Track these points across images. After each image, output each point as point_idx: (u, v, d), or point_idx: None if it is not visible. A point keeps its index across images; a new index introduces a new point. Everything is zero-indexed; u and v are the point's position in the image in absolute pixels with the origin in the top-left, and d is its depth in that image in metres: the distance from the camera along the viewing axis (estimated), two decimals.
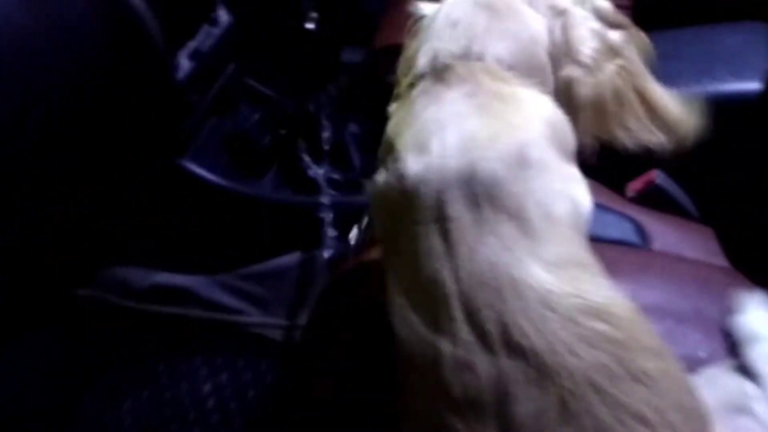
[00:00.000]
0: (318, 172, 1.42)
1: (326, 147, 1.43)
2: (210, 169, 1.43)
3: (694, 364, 0.92)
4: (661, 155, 0.71)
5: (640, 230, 1.07)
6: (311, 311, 1.16)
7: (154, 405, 1.45)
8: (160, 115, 1.32)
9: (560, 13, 0.68)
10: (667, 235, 1.08)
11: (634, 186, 1.13)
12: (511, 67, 0.64)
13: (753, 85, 1.07)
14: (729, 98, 1.11)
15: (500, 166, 0.56)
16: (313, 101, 1.47)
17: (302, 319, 1.45)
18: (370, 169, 1.56)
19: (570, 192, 0.60)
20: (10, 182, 1.04)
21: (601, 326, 0.52)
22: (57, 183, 1.22)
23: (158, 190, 1.48)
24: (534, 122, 0.60)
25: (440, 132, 0.59)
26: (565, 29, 0.67)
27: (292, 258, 1.52)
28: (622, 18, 0.72)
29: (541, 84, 0.65)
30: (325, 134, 1.44)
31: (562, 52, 0.67)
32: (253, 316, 1.49)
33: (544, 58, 0.67)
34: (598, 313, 0.53)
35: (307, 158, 1.42)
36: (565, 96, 0.66)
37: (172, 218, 1.49)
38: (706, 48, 1.18)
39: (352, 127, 1.53)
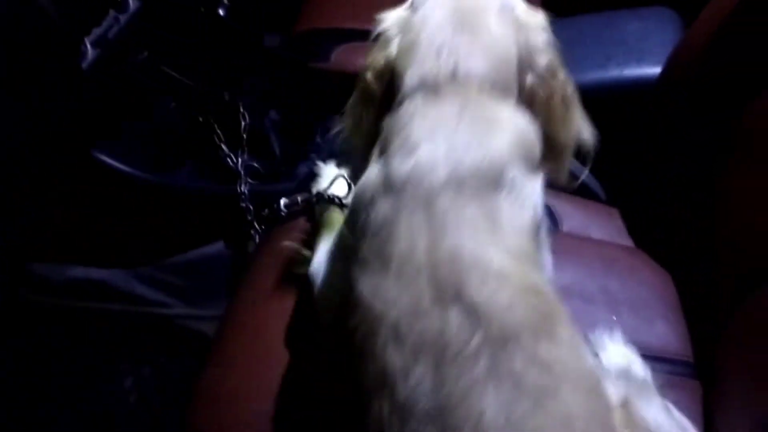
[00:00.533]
0: (237, 161, 1.39)
1: (245, 136, 1.41)
2: (125, 160, 1.38)
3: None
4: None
5: (550, 213, 1.10)
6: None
7: (76, 403, 1.42)
8: (67, 105, 1.27)
9: (522, 26, 0.76)
10: (575, 217, 1.12)
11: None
12: (492, 85, 0.72)
13: (654, 70, 1.11)
14: (632, 83, 1.15)
15: (480, 183, 0.67)
16: (229, 89, 1.44)
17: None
18: (291, 157, 1.56)
19: (532, 203, 0.70)
20: None
21: (534, 300, 0.64)
22: None
23: (71, 182, 1.43)
24: (511, 145, 0.70)
25: (430, 142, 0.68)
26: (527, 42, 0.76)
27: (214, 248, 1.50)
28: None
29: (512, 95, 0.74)
30: (244, 123, 1.41)
31: (525, 63, 0.75)
32: (175, 308, 1.47)
33: (514, 70, 0.75)
34: (534, 290, 0.65)
35: (225, 147, 1.40)
36: (527, 101, 0.75)
37: (87, 211, 1.44)
38: (612, 33, 1.22)
39: (273, 115, 1.51)
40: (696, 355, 0.95)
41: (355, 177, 0.95)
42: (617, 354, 0.89)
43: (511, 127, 0.71)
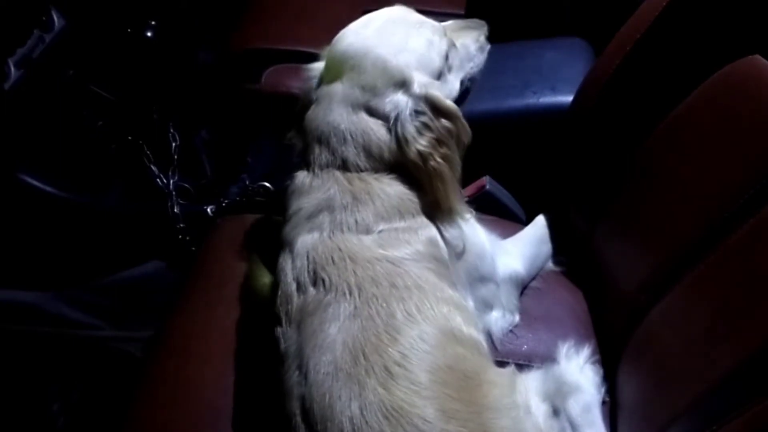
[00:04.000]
0: (166, 181, 1.39)
1: (175, 156, 1.41)
2: (50, 181, 1.37)
3: (518, 358, 1.02)
4: None
5: None
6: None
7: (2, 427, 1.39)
8: None
9: (398, 116, 0.93)
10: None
11: (467, 191, 1.20)
12: (365, 169, 0.94)
13: (567, 98, 1.17)
14: (547, 110, 1.21)
15: (359, 229, 0.91)
16: (159, 109, 1.44)
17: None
18: (222, 177, 1.56)
19: (418, 238, 0.92)
20: None
21: (392, 272, 0.86)
22: None
23: None
24: (383, 210, 0.91)
25: (327, 212, 0.91)
26: (399, 132, 0.93)
27: (144, 269, 1.49)
28: (451, 108, 0.95)
29: (386, 167, 0.94)
30: (174, 144, 1.41)
31: (401, 146, 0.93)
32: (104, 330, 1.46)
33: (385, 151, 0.94)
34: (394, 262, 0.87)
35: (154, 168, 1.40)
36: (412, 170, 0.94)
37: (12, 233, 1.41)
38: (529, 62, 1.27)
39: (204, 134, 1.52)
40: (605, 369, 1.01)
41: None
42: (574, 369, 0.93)
43: (383, 193, 0.92)
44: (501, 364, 0.93)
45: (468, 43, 1.11)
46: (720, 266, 0.77)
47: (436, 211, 0.95)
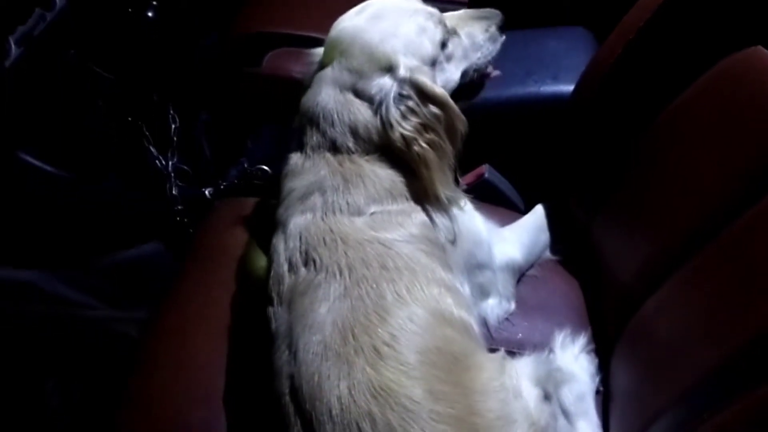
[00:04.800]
0: (165, 163, 1.39)
1: (174, 138, 1.40)
2: (48, 160, 1.36)
3: (513, 345, 1.02)
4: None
5: None
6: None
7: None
8: None
9: (383, 99, 0.93)
10: None
11: (465, 180, 1.20)
12: (356, 150, 0.94)
13: (568, 88, 1.17)
14: (548, 99, 1.20)
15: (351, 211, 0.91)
16: (159, 90, 1.43)
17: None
18: (221, 160, 1.56)
19: (412, 221, 0.92)
20: None
21: (383, 254, 0.86)
22: None
23: None
24: (374, 192, 0.92)
25: (319, 194, 0.92)
26: (384, 115, 0.93)
27: (141, 250, 1.49)
28: (439, 94, 0.95)
29: (376, 149, 0.94)
30: (173, 125, 1.41)
31: (386, 129, 0.93)
32: (101, 311, 1.46)
33: (372, 133, 0.94)
34: (386, 244, 0.87)
35: (153, 150, 1.39)
36: (399, 154, 0.94)
37: (9, 212, 1.41)
38: (532, 51, 1.27)
39: (204, 117, 1.51)
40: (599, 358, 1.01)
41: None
42: (569, 358, 0.94)
43: (374, 176, 0.93)
44: (495, 351, 0.93)
45: (475, 32, 1.08)
46: (716, 258, 0.77)
47: (424, 197, 0.95)
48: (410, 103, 0.92)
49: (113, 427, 0.98)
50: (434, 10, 1.03)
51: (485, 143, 1.17)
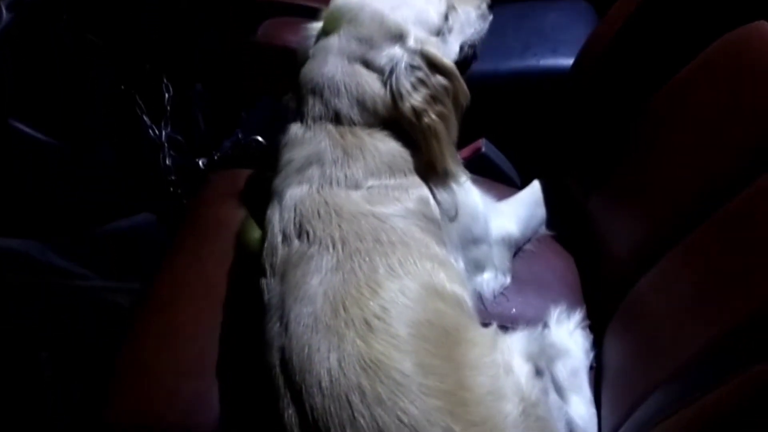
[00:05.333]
0: (158, 133, 1.37)
1: (168, 108, 1.39)
2: (40, 128, 1.34)
3: (506, 320, 1.02)
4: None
5: None
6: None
7: None
8: None
9: (393, 69, 0.92)
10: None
11: (462, 154, 1.19)
12: (358, 123, 0.93)
13: (567, 61, 1.16)
14: (547, 72, 1.19)
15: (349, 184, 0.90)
16: (152, 59, 1.41)
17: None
18: (215, 131, 1.54)
19: (409, 196, 0.91)
20: None
21: (378, 227, 0.86)
22: None
23: None
24: (374, 165, 0.91)
25: (317, 166, 0.91)
26: (394, 86, 0.92)
27: (134, 220, 1.48)
28: (448, 66, 0.94)
29: (380, 122, 0.94)
30: (167, 95, 1.39)
31: (395, 101, 0.92)
32: (93, 280, 1.45)
33: (379, 105, 0.93)
34: (381, 218, 0.86)
35: (146, 118, 1.38)
36: (406, 127, 0.94)
37: (3, 180, 1.39)
38: (530, 24, 1.25)
39: (198, 86, 1.49)
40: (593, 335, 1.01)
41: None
42: (564, 333, 0.94)
43: (375, 148, 0.92)
44: (487, 325, 0.92)
45: (469, 9, 1.10)
46: (712, 234, 0.76)
47: (430, 171, 0.94)
48: (420, 74, 0.92)
49: (105, 398, 0.98)
50: None
51: (482, 117, 1.15)
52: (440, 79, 0.93)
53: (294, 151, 0.94)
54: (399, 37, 0.94)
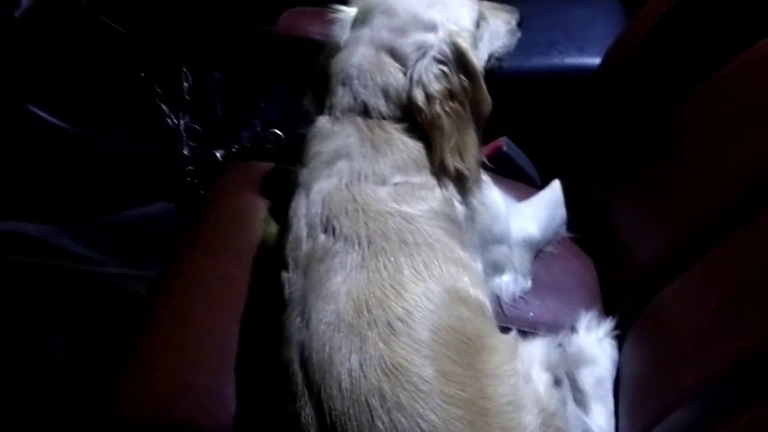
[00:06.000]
0: (176, 122, 1.37)
1: (187, 97, 1.38)
2: (58, 114, 1.35)
3: (524, 324, 1.01)
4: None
5: None
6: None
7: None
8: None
9: (419, 58, 0.91)
10: None
11: (483, 151, 1.17)
12: (387, 116, 0.92)
13: (594, 60, 1.13)
14: (572, 71, 1.17)
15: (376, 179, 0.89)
16: (172, 47, 1.40)
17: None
18: (233, 120, 1.53)
19: (434, 195, 0.90)
20: None
21: (404, 228, 0.84)
22: None
23: (4, 134, 1.38)
24: (401, 161, 0.90)
25: (346, 159, 0.90)
26: (415, 75, 0.91)
27: (152, 208, 1.48)
28: (474, 65, 0.92)
29: (405, 117, 0.92)
30: (186, 84, 1.38)
31: (412, 87, 0.91)
32: (109, 267, 1.46)
33: (403, 97, 0.92)
34: (407, 218, 0.85)
35: (165, 107, 1.37)
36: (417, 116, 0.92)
37: (19, 165, 1.40)
38: (557, 20, 1.23)
39: (217, 75, 1.48)
40: None
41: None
42: (593, 340, 0.92)
43: (403, 146, 0.90)
44: (505, 329, 0.92)
45: (499, 23, 1.08)
46: (743, 247, 0.74)
47: (435, 166, 0.92)
48: (444, 68, 0.90)
49: (117, 390, 0.98)
50: None
51: (504, 115, 1.13)
52: (463, 78, 0.91)
53: (323, 144, 0.92)
54: (432, 27, 0.92)
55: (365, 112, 0.92)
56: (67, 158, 1.40)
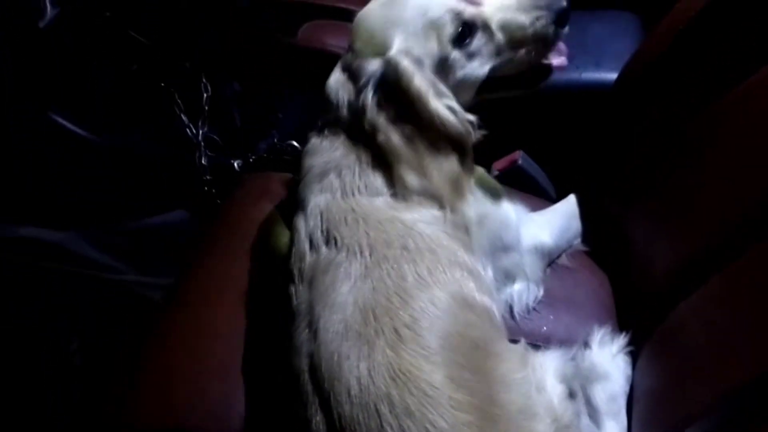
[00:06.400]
0: (195, 132, 1.38)
1: (206, 107, 1.39)
2: (80, 123, 1.37)
3: (536, 338, 1.00)
4: None
5: None
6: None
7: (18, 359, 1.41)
8: (24, 64, 1.24)
9: (364, 85, 0.92)
10: None
11: (498, 165, 1.18)
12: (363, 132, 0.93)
13: (611, 75, 1.13)
14: (589, 86, 1.17)
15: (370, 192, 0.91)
16: (191, 58, 1.42)
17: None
18: (251, 130, 1.55)
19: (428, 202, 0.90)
20: None
21: (405, 234, 0.85)
22: None
23: (27, 142, 1.41)
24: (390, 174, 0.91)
25: (335, 173, 0.92)
26: (360, 101, 0.92)
27: (171, 216, 1.50)
28: (414, 92, 0.89)
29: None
30: (205, 94, 1.40)
31: (358, 114, 0.93)
32: (126, 274, 1.47)
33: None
34: (407, 224, 0.86)
35: (184, 117, 1.39)
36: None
37: (40, 172, 1.42)
38: (574, 35, 1.21)
39: (235, 86, 1.50)
40: None
41: None
42: (606, 356, 0.91)
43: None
44: (515, 342, 0.90)
45: (512, 27, 0.96)
46: (762, 262, 0.73)
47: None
48: (383, 95, 0.90)
49: (129, 396, 0.99)
50: (460, 5, 0.94)
51: (520, 129, 1.14)
52: (406, 102, 0.89)
53: (313, 159, 0.95)
54: (383, 49, 0.91)
55: (348, 128, 0.94)
56: (87, 166, 1.42)
